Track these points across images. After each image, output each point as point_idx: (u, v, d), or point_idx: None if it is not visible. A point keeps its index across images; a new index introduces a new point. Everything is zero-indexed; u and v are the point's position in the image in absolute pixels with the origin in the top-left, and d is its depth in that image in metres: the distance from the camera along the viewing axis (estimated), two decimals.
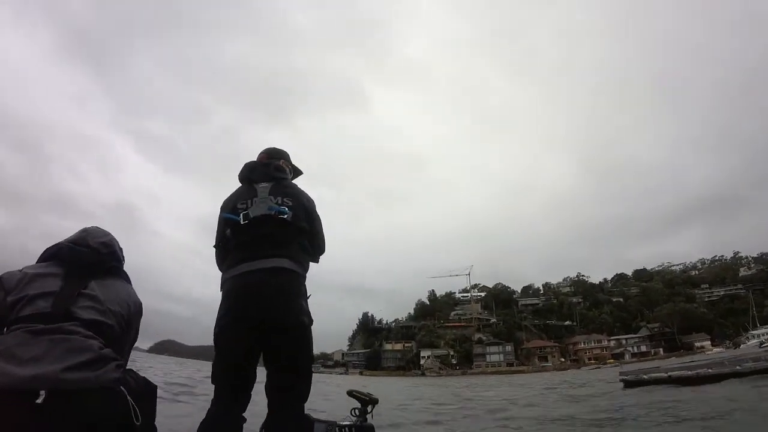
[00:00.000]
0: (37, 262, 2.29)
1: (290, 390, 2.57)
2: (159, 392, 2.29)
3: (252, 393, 2.65)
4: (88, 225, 2.56)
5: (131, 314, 2.31)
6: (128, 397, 1.94)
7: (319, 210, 3.12)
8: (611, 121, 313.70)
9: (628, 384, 16.40)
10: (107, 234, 2.52)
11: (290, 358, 2.57)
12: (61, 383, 1.76)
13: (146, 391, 2.14)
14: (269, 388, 2.58)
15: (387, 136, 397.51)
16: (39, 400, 1.69)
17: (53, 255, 2.29)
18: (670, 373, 14.83)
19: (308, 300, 2.77)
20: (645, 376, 15.67)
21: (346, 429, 3.00)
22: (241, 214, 2.78)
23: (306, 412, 2.66)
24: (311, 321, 2.70)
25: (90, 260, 2.29)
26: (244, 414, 2.59)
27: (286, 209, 2.78)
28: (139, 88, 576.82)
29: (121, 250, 2.55)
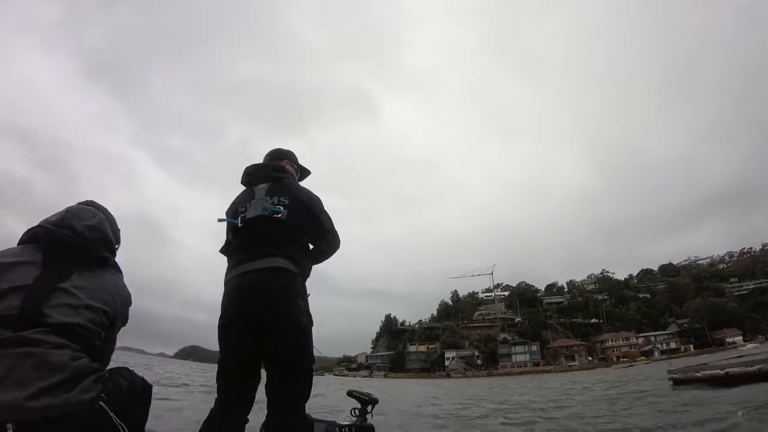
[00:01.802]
0: (18, 244, 2.05)
1: (289, 390, 2.55)
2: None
3: (256, 394, 2.66)
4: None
5: (117, 310, 2.08)
6: (110, 413, 1.79)
7: (336, 218, 3.10)
8: (622, 116, 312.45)
9: (678, 382, 15.68)
10: (96, 215, 2.23)
11: (288, 358, 2.56)
12: (27, 413, 1.57)
13: (141, 391, 2.06)
14: (269, 389, 2.56)
15: (399, 142, 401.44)
16: None
17: (33, 237, 2.04)
18: (727, 370, 14.06)
19: (308, 299, 2.76)
20: (698, 374, 14.93)
21: (346, 429, 3.02)
22: (240, 217, 2.81)
23: (306, 412, 2.65)
24: (310, 321, 2.70)
25: (73, 246, 2.03)
26: (248, 414, 2.61)
27: (281, 208, 2.78)
28: (158, 106, 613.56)
29: (116, 231, 2.34)
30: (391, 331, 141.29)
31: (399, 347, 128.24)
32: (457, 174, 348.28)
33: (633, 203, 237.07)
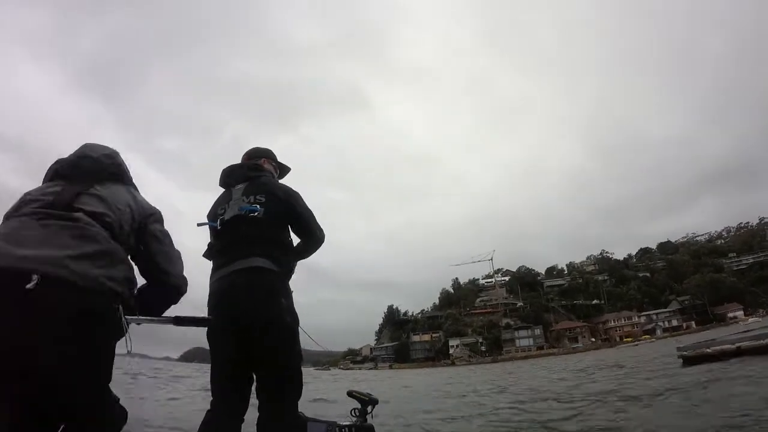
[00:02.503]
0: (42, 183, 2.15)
1: (279, 389, 2.55)
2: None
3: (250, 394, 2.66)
4: None
5: (143, 217, 2.16)
6: (123, 319, 1.83)
7: (335, 212, 3.05)
8: (617, 99, 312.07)
9: (689, 360, 15.62)
10: (109, 148, 2.34)
11: (275, 358, 2.55)
12: (58, 270, 1.63)
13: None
14: (259, 389, 2.57)
15: (396, 136, 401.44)
16: (30, 285, 1.52)
17: (55, 173, 2.13)
18: (738, 345, 14.08)
19: (292, 297, 2.74)
20: (708, 350, 14.93)
21: (346, 429, 3.01)
22: (218, 220, 2.80)
23: (299, 411, 2.66)
24: (295, 318, 2.69)
25: (92, 169, 2.14)
26: (244, 415, 2.60)
27: (258, 207, 2.76)
28: (152, 109, 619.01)
29: (125, 164, 2.36)
30: (394, 322, 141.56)
31: (403, 338, 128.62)
32: (454, 163, 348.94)
33: (629, 184, 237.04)
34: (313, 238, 3.01)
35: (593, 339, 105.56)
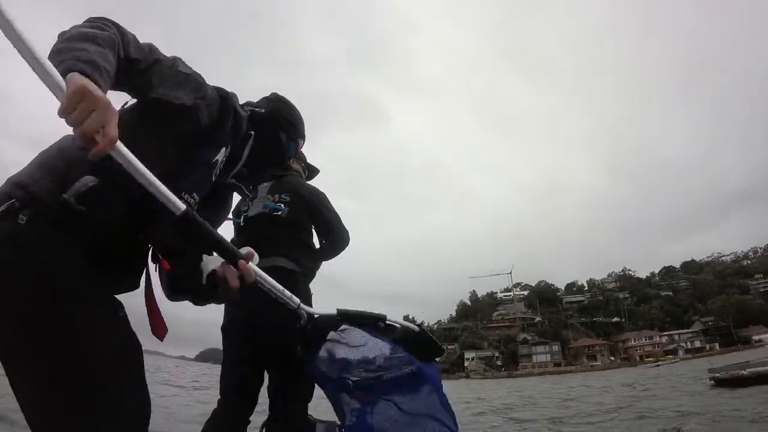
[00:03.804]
0: None
1: (290, 391, 2.55)
2: None
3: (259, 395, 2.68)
4: None
5: None
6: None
7: (348, 220, 3.04)
8: (635, 118, 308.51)
9: (720, 382, 14.87)
10: None
11: (286, 359, 2.52)
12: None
13: None
14: (271, 390, 2.59)
15: (409, 147, 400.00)
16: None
17: None
18: None
19: (311, 299, 2.71)
20: (745, 372, 14.12)
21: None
22: (242, 216, 2.81)
23: (309, 413, 2.64)
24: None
25: None
26: (250, 416, 2.61)
27: (282, 206, 2.76)
28: None
29: None
30: None
31: None
32: (469, 177, 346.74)
33: (649, 203, 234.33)
34: (337, 239, 2.96)
35: (612, 358, 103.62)
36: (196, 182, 1.50)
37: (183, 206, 1.26)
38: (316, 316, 1.96)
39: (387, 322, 2.06)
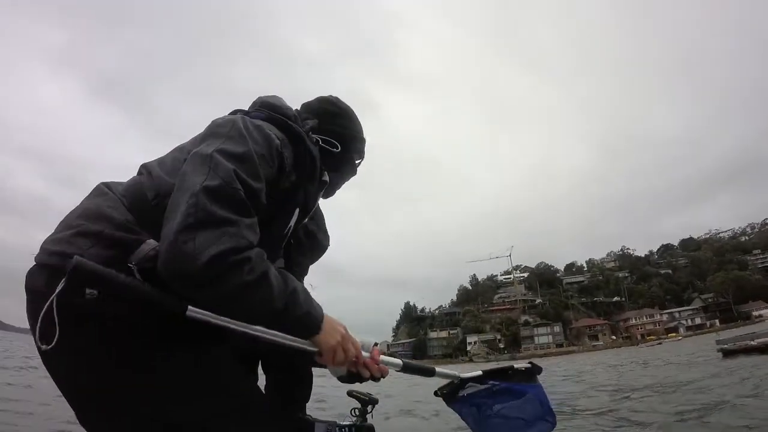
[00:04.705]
0: None
1: (288, 391, 2.45)
2: None
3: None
4: None
5: None
6: None
7: (348, 211, 2.87)
8: (628, 98, 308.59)
9: (729, 353, 15.13)
10: None
11: (285, 358, 2.35)
12: None
13: None
14: (268, 390, 2.44)
15: (404, 139, 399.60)
16: None
17: None
18: None
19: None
20: (753, 342, 14.38)
21: (346, 429, 2.67)
22: None
23: (307, 412, 2.53)
24: None
25: None
26: None
27: None
28: (166, 117, 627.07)
29: None
30: (412, 319, 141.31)
31: (420, 334, 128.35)
32: (465, 164, 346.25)
33: (643, 181, 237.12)
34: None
35: (614, 337, 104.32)
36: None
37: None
38: (464, 376, 2.05)
39: (515, 367, 2.11)
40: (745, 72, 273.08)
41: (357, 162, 1.84)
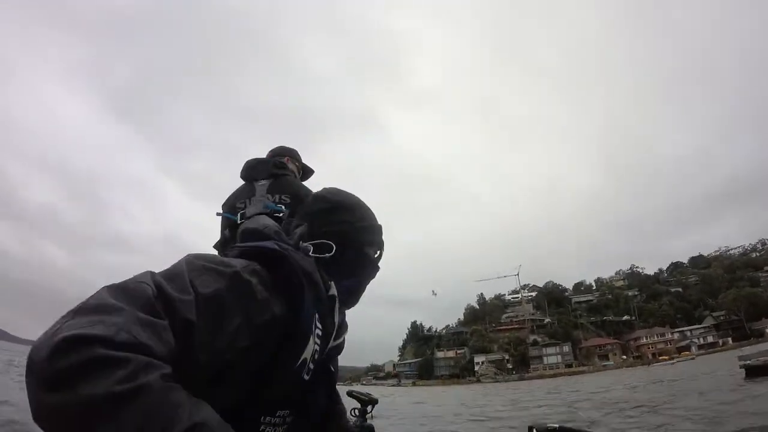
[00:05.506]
0: None
1: None
2: None
3: None
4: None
5: None
6: None
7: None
8: (632, 117, 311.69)
9: (752, 371, 14.11)
10: None
11: None
12: None
13: None
14: None
15: (410, 156, 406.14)
16: None
17: None
18: None
19: None
20: None
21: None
22: (239, 214, 2.72)
23: None
24: None
25: None
26: None
27: (283, 207, 2.68)
28: (177, 133, 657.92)
29: None
30: (418, 338, 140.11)
31: (427, 354, 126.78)
32: (470, 183, 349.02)
33: (650, 200, 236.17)
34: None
35: (624, 356, 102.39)
36: (277, 401, 1.10)
37: None
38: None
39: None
40: (754, 90, 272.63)
41: (375, 256, 1.53)
